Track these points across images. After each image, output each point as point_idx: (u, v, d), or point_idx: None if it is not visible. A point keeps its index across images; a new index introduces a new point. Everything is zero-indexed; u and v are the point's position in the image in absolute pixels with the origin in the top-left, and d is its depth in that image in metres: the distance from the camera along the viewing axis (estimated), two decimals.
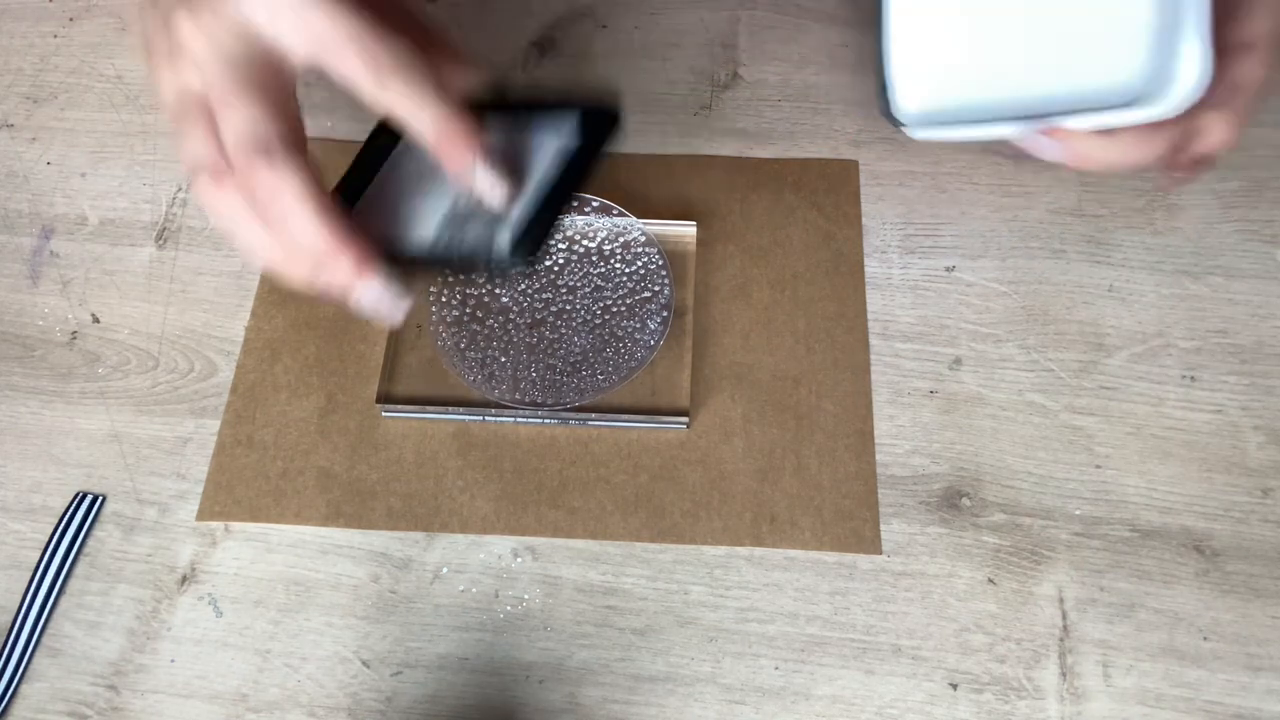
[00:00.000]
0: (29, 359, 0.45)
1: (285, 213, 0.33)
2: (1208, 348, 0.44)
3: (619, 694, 0.38)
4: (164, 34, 0.34)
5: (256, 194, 0.33)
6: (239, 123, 0.33)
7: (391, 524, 0.41)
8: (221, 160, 0.33)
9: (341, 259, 0.34)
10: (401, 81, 0.34)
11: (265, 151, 0.33)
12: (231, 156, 0.33)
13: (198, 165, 0.33)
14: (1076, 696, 0.38)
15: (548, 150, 0.38)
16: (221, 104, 0.33)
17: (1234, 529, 0.40)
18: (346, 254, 0.34)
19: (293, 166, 0.33)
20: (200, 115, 0.34)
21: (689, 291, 0.45)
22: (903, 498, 0.41)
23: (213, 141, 0.34)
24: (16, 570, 0.41)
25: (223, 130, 0.33)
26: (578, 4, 0.55)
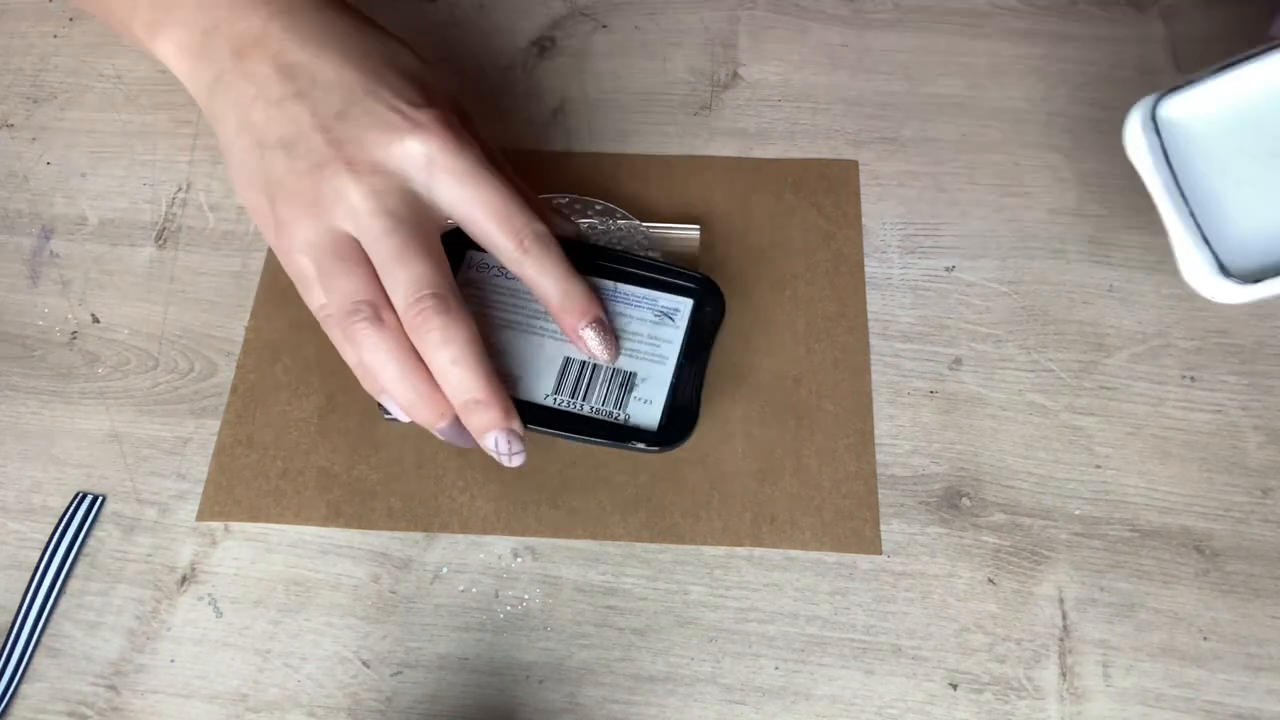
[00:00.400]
0: (29, 359, 0.45)
1: (452, 359, 0.35)
2: (1208, 348, 0.44)
3: (619, 694, 0.38)
4: (304, 182, 0.36)
5: (423, 340, 0.35)
6: (416, 274, 0.35)
7: (391, 524, 0.41)
8: (382, 302, 0.36)
9: (492, 408, 0.36)
10: (538, 255, 0.38)
11: (444, 301, 0.35)
12: (403, 305, 0.35)
13: (355, 305, 0.35)
14: (1076, 696, 0.38)
15: (661, 321, 0.41)
16: (392, 257, 0.35)
17: (1234, 529, 0.40)
18: (497, 404, 0.36)
19: (464, 318, 0.36)
20: (354, 260, 0.36)
21: None
22: (903, 498, 0.41)
23: (374, 285, 0.36)
24: (16, 570, 0.41)
25: (393, 279, 0.35)
26: (578, 4, 0.55)
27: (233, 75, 0.37)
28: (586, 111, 0.51)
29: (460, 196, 0.36)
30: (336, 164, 0.35)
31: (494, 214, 0.37)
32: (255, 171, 0.37)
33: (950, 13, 0.54)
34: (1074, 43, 0.53)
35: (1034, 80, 0.52)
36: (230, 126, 0.37)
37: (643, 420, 0.39)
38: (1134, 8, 0.54)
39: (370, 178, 0.35)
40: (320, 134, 0.35)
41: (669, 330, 0.41)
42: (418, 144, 0.36)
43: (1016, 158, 0.50)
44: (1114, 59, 0.53)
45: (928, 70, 0.52)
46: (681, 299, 0.42)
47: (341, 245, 0.36)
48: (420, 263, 0.35)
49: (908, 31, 0.54)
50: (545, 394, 0.39)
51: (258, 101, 0.36)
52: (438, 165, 0.36)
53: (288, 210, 0.36)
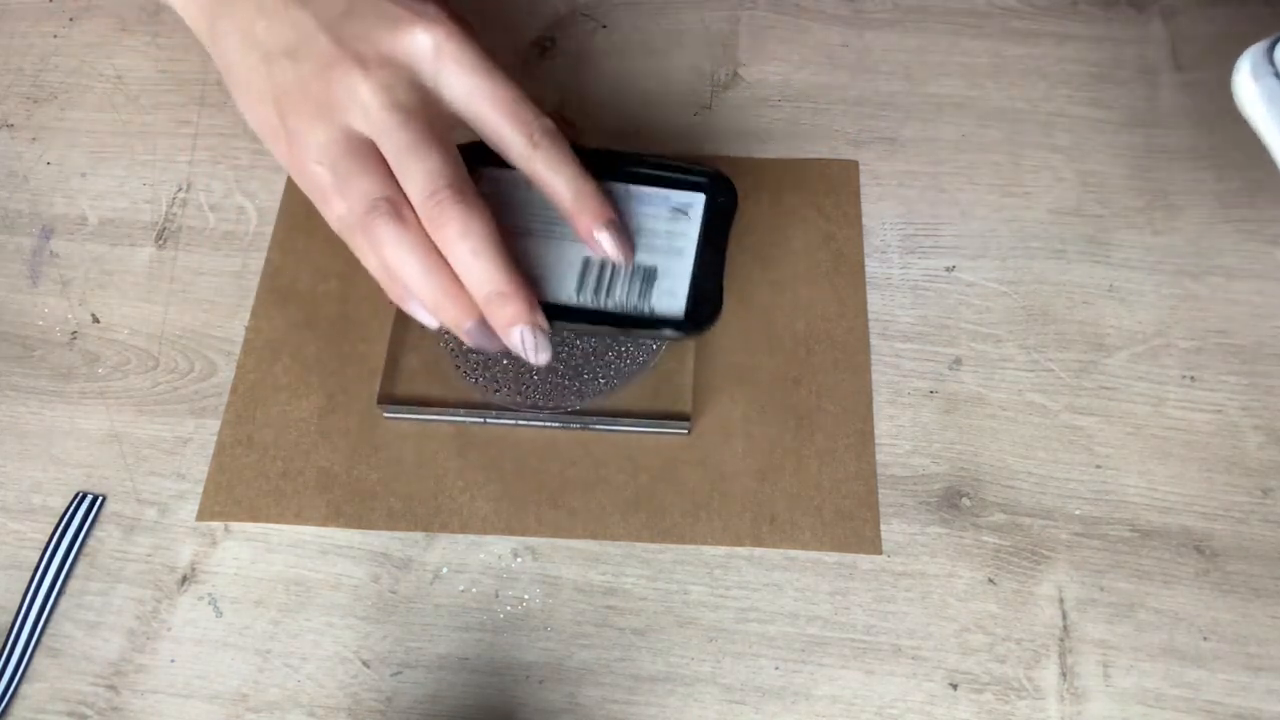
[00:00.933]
0: (29, 359, 0.45)
1: (472, 250, 0.35)
2: (1208, 348, 0.44)
3: (619, 694, 0.38)
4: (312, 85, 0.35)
5: (442, 232, 0.35)
6: (428, 165, 0.35)
7: (391, 524, 0.41)
8: (401, 198, 0.35)
9: (516, 300, 0.36)
10: (548, 149, 0.37)
11: (456, 190, 0.35)
12: (419, 197, 0.35)
13: (373, 203, 0.35)
14: (1076, 696, 0.38)
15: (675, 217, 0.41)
16: (406, 149, 0.35)
17: (1234, 529, 0.40)
18: (521, 296, 0.36)
19: (482, 209, 0.35)
20: (369, 158, 0.35)
21: None
22: (903, 498, 0.41)
23: (391, 182, 0.35)
24: (16, 570, 0.41)
25: (405, 173, 0.35)
26: (578, 4, 0.55)
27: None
28: (587, 111, 0.51)
29: (469, 87, 0.36)
30: (345, 62, 0.35)
31: (502, 106, 0.36)
32: (262, 85, 0.36)
33: (950, 13, 0.54)
34: (1074, 43, 0.53)
35: (1034, 80, 0.52)
36: (233, 48, 0.37)
37: (668, 310, 0.40)
38: (1134, 8, 0.54)
39: (379, 71, 0.35)
40: (326, 34, 0.35)
41: (684, 224, 0.41)
42: (424, 34, 0.35)
43: (1016, 158, 0.50)
44: (1114, 59, 0.53)
45: (928, 70, 0.52)
46: (693, 194, 0.42)
47: (356, 145, 0.35)
48: (434, 155, 0.35)
49: (908, 31, 0.54)
50: (568, 295, 0.39)
51: (259, 15, 0.36)
52: (445, 54, 0.36)
53: (298, 119, 0.36)
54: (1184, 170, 0.49)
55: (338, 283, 0.46)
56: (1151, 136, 0.50)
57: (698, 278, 0.40)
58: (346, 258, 0.43)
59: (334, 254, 0.46)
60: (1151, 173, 0.49)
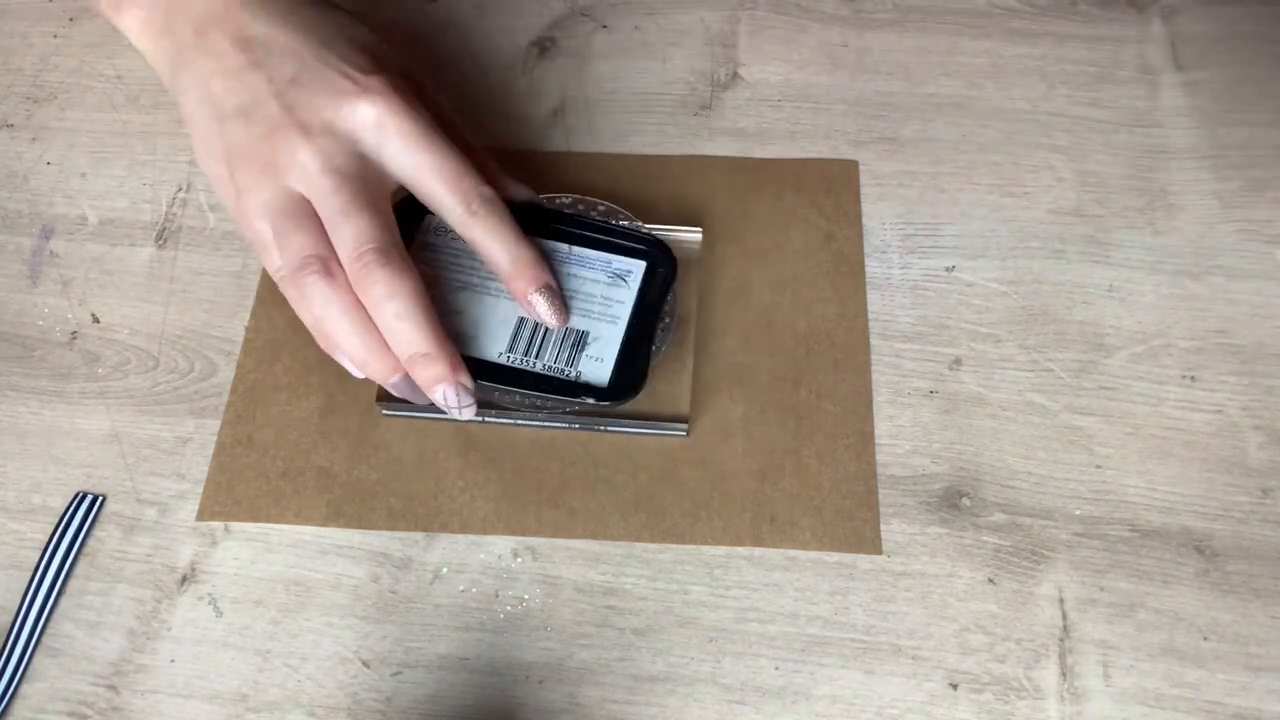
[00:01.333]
0: (29, 359, 0.45)
1: (396, 313, 0.36)
2: (1208, 348, 0.44)
3: (619, 694, 0.38)
4: (259, 146, 0.37)
5: (368, 293, 0.36)
6: (358, 228, 0.36)
7: (391, 524, 0.41)
8: (332, 258, 0.36)
9: (439, 362, 0.37)
10: (485, 217, 0.38)
11: (383, 254, 0.36)
12: (348, 258, 0.36)
13: (305, 260, 0.36)
14: (1076, 696, 0.38)
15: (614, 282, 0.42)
16: (338, 211, 0.36)
17: (1234, 529, 0.40)
18: (444, 358, 0.37)
19: (408, 272, 0.36)
20: (305, 218, 0.37)
21: (693, 297, 0.45)
22: (903, 498, 0.41)
23: (324, 241, 0.37)
24: (16, 570, 0.41)
25: (339, 234, 0.36)
26: (578, 4, 0.55)
27: (193, 50, 0.38)
28: (586, 111, 0.51)
29: (409, 160, 0.37)
30: (290, 127, 0.36)
31: (442, 177, 0.38)
32: (216, 142, 0.38)
33: (950, 13, 0.54)
34: (1074, 43, 0.53)
35: (1034, 80, 0.52)
36: (192, 100, 0.38)
37: (593, 377, 0.40)
38: (1134, 8, 0.54)
39: (321, 139, 0.36)
40: (275, 100, 0.37)
41: (621, 291, 0.42)
42: (368, 107, 0.37)
43: (1016, 158, 0.50)
44: (1114, 59, 0.53)
45: (928, 70, 0.52)
46: (634, 261, 0.43)
47: (294, 205, 0.37)
48: (364, 217, 0.36)
49: (908, 31, 0.54)
50: (499, 352, 0.40)
51: (217, 74, 0.38)
52: (387, 128, 0.37)
53: (245, 176, 0.37)
54: (1184, 170, 0.49)
55: None
56: (1151, 136, 0.50)
57: (626, 348, 0.41)
58: None
59: None
60: (1151, 173, 0.49)
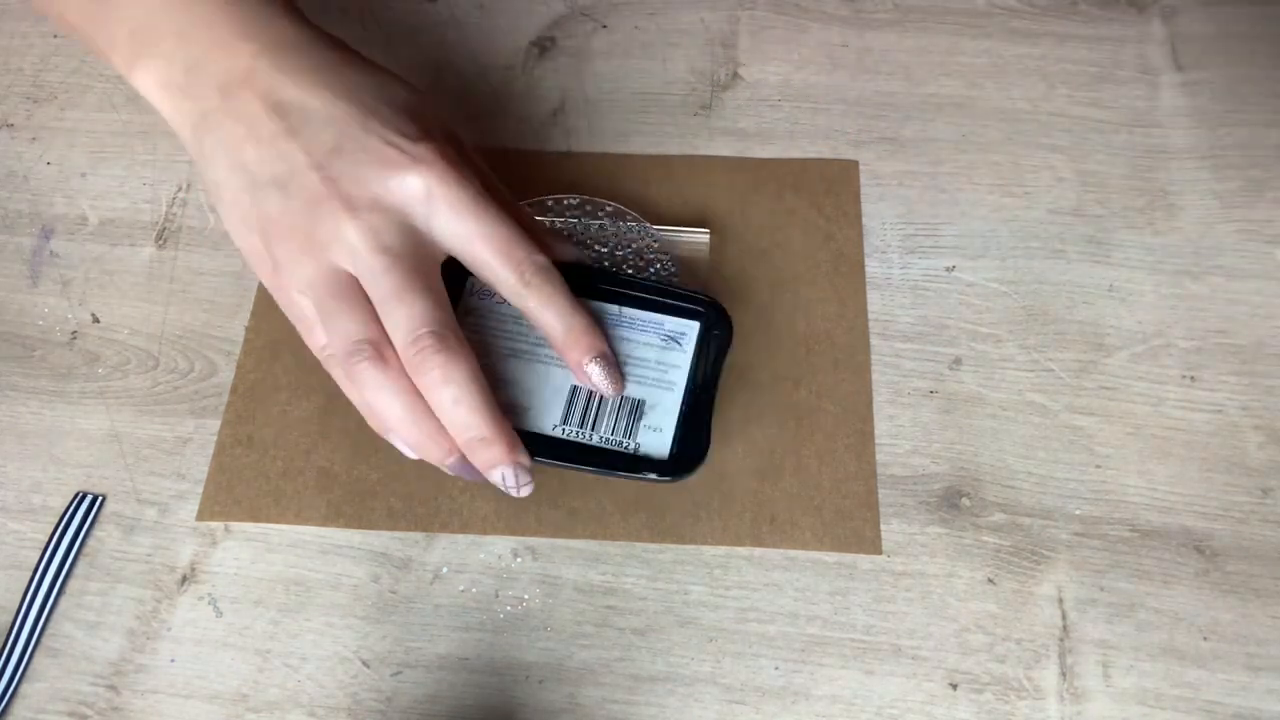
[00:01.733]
0: (29, 359, 0.45)
1: (453, 399, 0.35)
2: (1208, 348, 0.44)
3: (619, 694, 0.38)
4: (299, 220, 0.35)
5: (424, 378, 0.35)
6: (414, 312, 0.35)
7: (391, 524, 0.41)
8: (384, 341, 0.35)
9: (496, 445, 0.36)
10: (539, 287, 0.37)
11: (442, 340, 0.35)
12: (404, 342, 0.35)
13: (357, 346, 0.35)
14: (1076, 696, 0.38)
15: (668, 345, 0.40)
16: (391, 295, 0.35)
17: (1234, 529, 0.40)
18: (501, 440, 0.36)
19: (465, 356, 0.35)
20: (353, 298, 0.35)
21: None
22: (903, 498, 0.41)
23: (376, 324, 0.35)
24: (16, 570, 0.41)
25: (392, 318, 0.35)
26: (578, 4, 0.55)
27: (220, 114, 0.36)
28: (586, 111, 0.51)
29: (460, 231, 0.36)
30: (333, 201, 0.35)
31: (494, 247, 0.36)
32: (249, 212, 0.36)
33: (950, 13, 0.54)
34: (1074, 43, 0.53)
35: (1034, 80, 0.52)
36: (220, 167, 0.36)
37: (653, 449, 0.38)
38: (1134, 8, 0.54)
39: (368, 215, 0.35)
40: (315, 171, 0.35)
41: (676, 355, 0.40)
42: (416, 179, 0.35)
43: (1016, 158, 0.50)
44: (1114, 59, 0.53)
45: (928, 70, 0.52)
46: (688, 322, 0.41)
47: (341, 284, 0.35)
48: (419, 300, 0.35)
49: (908, 31, 0.54)
50: (553, 424, 0.39)
51: (248, 141, 0.35)
52: (437, 199, 0.35)
53: (284, 250, 0.35)
54: (1184, 170, 0.49)
55: None
56: (1151, 136, 0.50)
57: (686, 415, 0.39)
58: None
59: None
60: (1151, 173, 0.49)
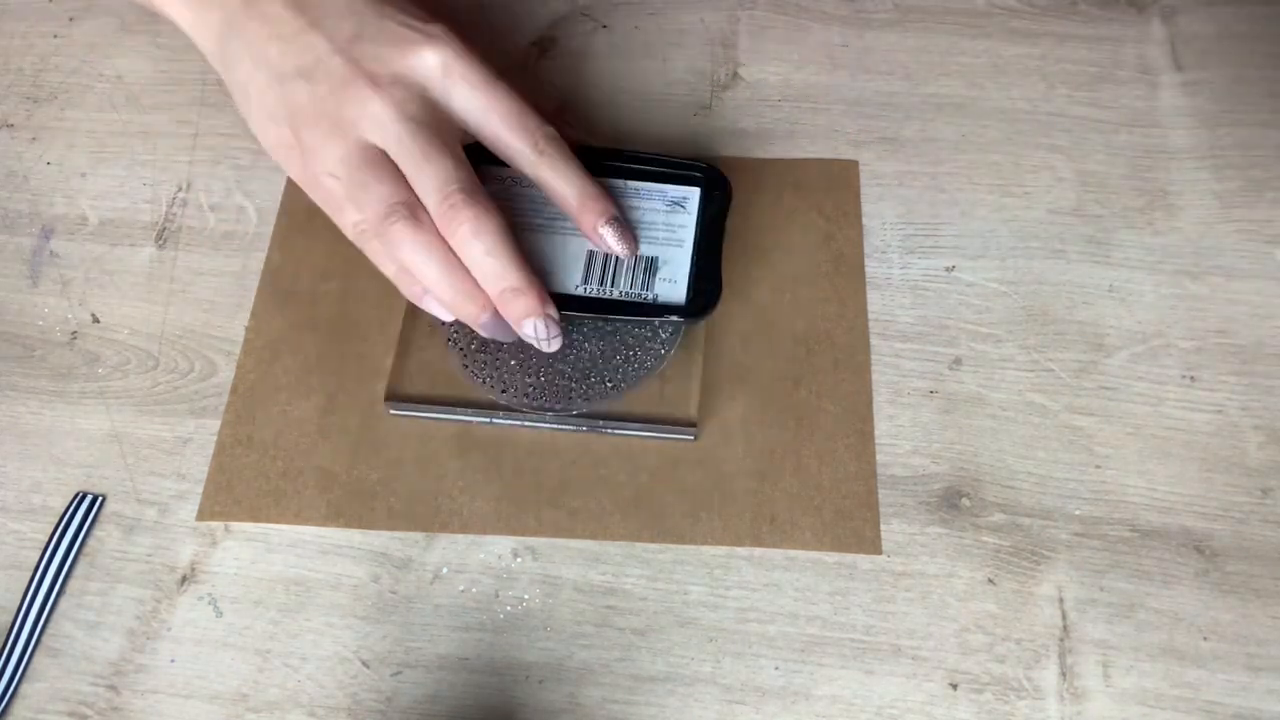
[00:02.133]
0: (29, 359, 0.45)
1: (486, 250, 0.37)
2: (1208, 348, 0.44)
3: (619, 694, 0.38)
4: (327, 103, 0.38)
5: (456, 233, 0.37)
6: (441, 170, 0.37)
7: (391, 524, 0.41)
8: (416, 202, 0.37)
9: (527, 295, 0.38)
10: (552, 155, 0.40)
11: (468, 193, 0.37)
12: (434, 201, 0.37)
13: (391, 208, 0.37)
14: (1076, 696, 0.38)
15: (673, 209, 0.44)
16: (419, 157, 0.37)
17: (1234, 529, 0.40)
18: (532, 291, 0.38)
19: (493, 210, 0.38)
20: (384, 167, 0.38)
21: None
22: (903, 498, 0.41)
23: (406, 188, 0.38)
24: (16, 570, 0.41)
25: (419, 179, 0.38)
26: (578, 4, 0.55)
27: (243, 17, 0.39)
28: (586, 111, 0.51)
29: (476, 102, 0.38)
30: (358, 80, 0.37)
31: (508, 118, 0.39)
32: (276, 105, 0.38)
33: (950, 13, 0.54)
34: (1074, 43, 0.53)
35: (1034, 80, 0.52)
36: (245, 66, 0.39)
37: (670, 297, 0.42)
38: (1134, 8, 0.54)
39: (391, 89, 0.37)
40: (339, 56, 0.38)
41: (682, 217, 0.44)
42: (433, 54, 0.38)
43: (1016, 158, 0.50)
44: (1114, 59, 0.53)
45: (928, 70, 0.52)
46: (689, 188, 0.45)
47: (370, 156, 0.37)
48: (445, 160, 0.37)
49: (908, 31, 0.54)
50: (575, 285, 0.42)
51: (272, 39, 0.38)
52: (453, 72, 0.38)
53: (312, 135, 0.38)
54: (1184, 170, 0.49)
55: (338, 283, 0.46)
56: (1151, 136, 0.50)
57: (697, 266, 0.43)
58: (346, 258, 0.43)
59: (334, 254, 0.46)
60: (1151, 173, 0.49)
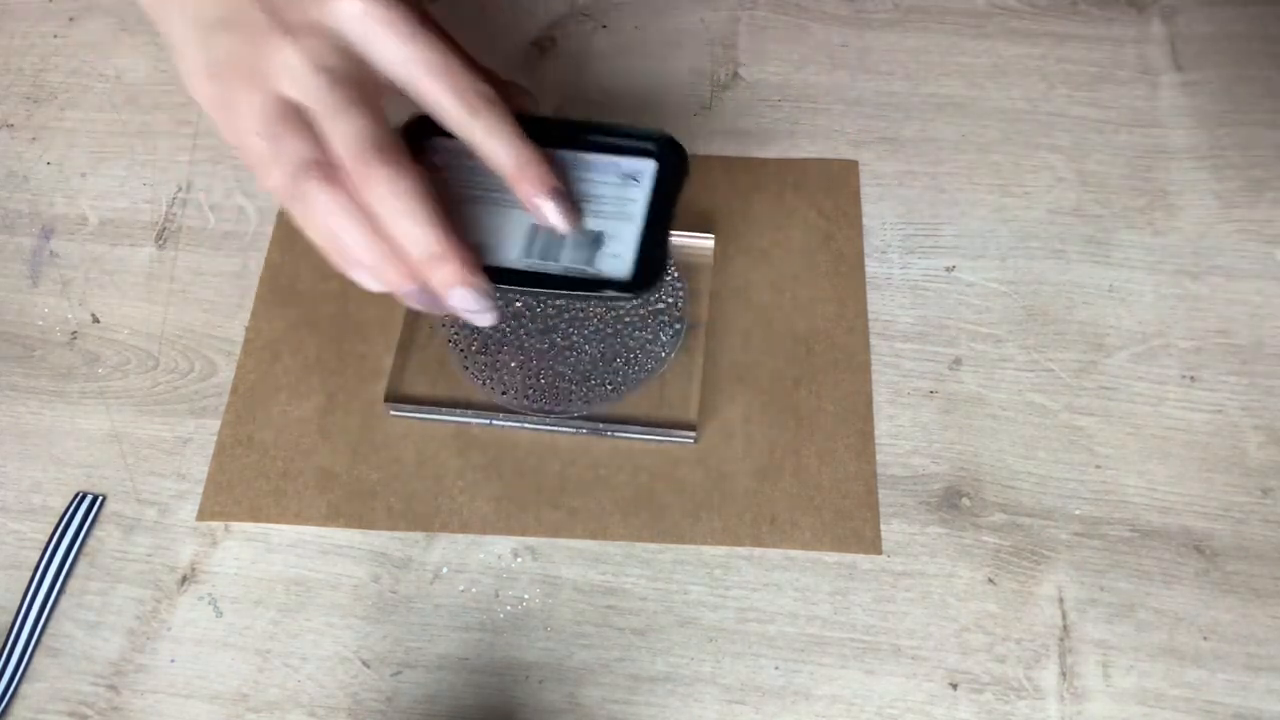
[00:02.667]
0: (29, 359, 0.45)
1: (401, 212, 0.34)
2: (1208, 348, 0.44)
3: (619, 694, 0.38)
4: (245, 54, 0.35)
5: (371, 194, 0.34)
6: (355, 126, 0.34)
7: (391, 524, 0.41)
8: (329, 162, 0.34)
9: (450, 261, 0.35)
10: (486, 116, 0.36)
11: (383, 151, 0.34)
12: (347, 158, 0.34)
13: (303, 166, 0.34)
14: (1076, 696, 0.38)
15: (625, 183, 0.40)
16: (332, 111, 0.34)
17: (1234, 529, 0.40)
18: (455, 257, 0.35)
19: (409, 168, 0.35)
20: (300, 123, 0.35)
21: (703, 304, 0.45)
22: (903, 498, 0.41)
23: (320, 146, 0.35)
24: (16, 570, 0.41)
25: (333, 135, 0.35)
26: (578, 4, 0.55)
27: None
28: (586, 111, 0.51)
29: (399, 54, 0.35)
30: (273, 30, 0.35)
31: (434, 71, 0.35)
32: (201, 59, 0.36)
33: (950, 13, 0.54)
34: (1074, 43, 0.53)
35: (1034, 80, 0.52)
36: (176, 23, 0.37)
37: (615, 272, 0.39)
38: (1134, 8, 0.54)
39: (306, 38, 0.35)
40: (255, 5, 0.35)
41: (634, 190, 0.40)
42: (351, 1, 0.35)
43: (1016, 158, 0.50)
44: (1114, 59, 0.53)
45: (928, 70, 0.52)
46: (644, 161, 0.41)
47: (286, 110, 0.35)
48: (359, 115, 0.34)
49: (908, 31, 0.54)
50: (515, 258, 0.39)
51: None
52: (372, 19, 0.35)
53: (233, 89, 0.35)
54: (1184, 170, 0.49)
55: (338, 283, 0.46)
56: (1151, 136, 0.50)
57: (645, 242, 0.39)
58: None
59: None
60: (1151, 173, 0.49)
